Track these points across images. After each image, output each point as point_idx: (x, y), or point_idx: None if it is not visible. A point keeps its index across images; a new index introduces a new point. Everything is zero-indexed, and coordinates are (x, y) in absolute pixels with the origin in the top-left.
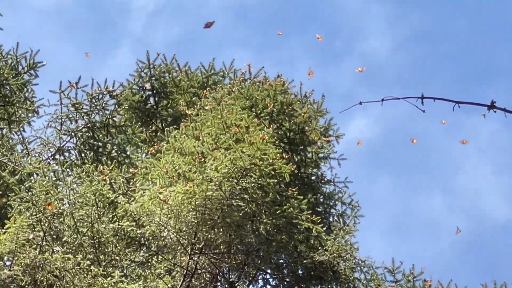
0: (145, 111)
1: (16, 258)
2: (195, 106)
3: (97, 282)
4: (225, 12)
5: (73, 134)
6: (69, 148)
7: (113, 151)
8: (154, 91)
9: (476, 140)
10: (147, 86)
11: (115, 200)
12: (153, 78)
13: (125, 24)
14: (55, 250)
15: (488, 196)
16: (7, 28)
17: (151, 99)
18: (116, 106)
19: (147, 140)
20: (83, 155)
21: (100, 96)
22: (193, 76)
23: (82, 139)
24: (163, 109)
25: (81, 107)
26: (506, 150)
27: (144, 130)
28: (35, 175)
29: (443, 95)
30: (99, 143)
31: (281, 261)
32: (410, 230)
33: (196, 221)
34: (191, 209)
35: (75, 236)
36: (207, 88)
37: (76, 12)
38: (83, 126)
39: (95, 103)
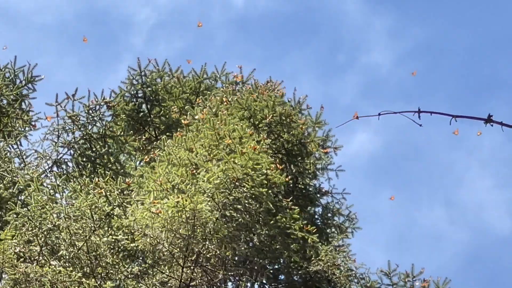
0: (138, 119)
1: (6, 272)
2: (188, 113)
3: None
4: (227, 26)
5: (70, 146)
6: (66, 160)
7: (110, 162)
8: (146, 99)
9: (478, 153)
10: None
11: (110, 212)
12: (145, 86)
13: (127, 39)
14: (51, 264)
15: (490, 209)
16: (8, 44)
17: (144, 107)
18: (114, 116)
19: (141, 148)
20: (80, 167)
21: (97, 107)
22: (185, 82)
23: (79, 151)
24: (155, 116)
25: (78, 118)
26: (508, 163)
27: (137, 138)
28: (31, 188)
29: (446, 108)
30: (96, 154)
31: (276, 267)
32: (413, 243)
33: (187, 234)
34: (182, 222)
35: (72, 249)
36: (200, 94)
37: (77, 28)
38: (80, 137)
39: (92, 115)
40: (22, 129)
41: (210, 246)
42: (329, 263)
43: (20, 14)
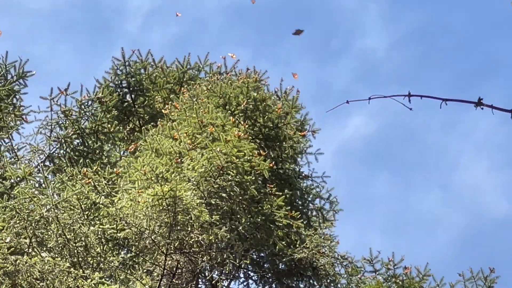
0: (122, 109)
1: None
2: (171, 103)
3: (78, 284)
4: (221, 12)
5: (63, 140)
6: (59, 155)
7: (103, 157)
8: (131, 89)
9: (473, 136)
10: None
11: (97, 202)
12: (129, 76)
13: (121, 25)
14: (42, 256)
15: (486, 192)
16: (1, 30)
17: (128, 97)
18: (106, 112)
19: (125, 138)
20: (73, 161)
21: (89, 102)
22: (169, 72)
23: (71, 146)
24: (140, 106)
25: (70, 113)
26: (502, 146)
27: (121, 128)
28: (20, 181)
29: (441, 91)
30: (89, 150)
31: (262, 255)
32: (409, 227)
33: (169, 222)
34: (163, 209)
35: (61, 240)
36: (184, 84)
37: (71, 14)
38: (72, 132)
39: (85, 110)
40: (14, 124)
41: (192, 233)
42: (314, 251)
43: (13, 0)
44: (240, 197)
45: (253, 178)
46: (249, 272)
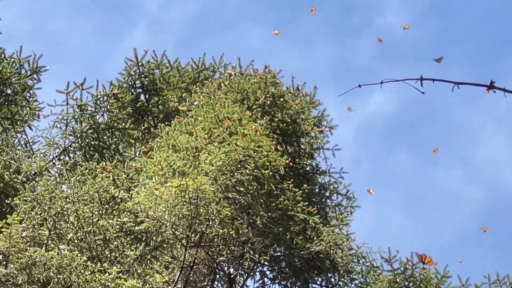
0: (136, 109)
1: (11, 256)
2: (186, 101)
3: (95, 278)
4: None
5: (78, 135)
6: (75, 149)
7: (118, 153)
8: (145, 89)
9: (494, 110)
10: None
11: (117, 196)
12: (142, 76)
13: (141, 3)
14: (60, 248)
15: (507, 167)
16: (21, 10)
17: (142, 97)
18: (122, 109)
19: (140, 137)
20: (87, 156)
21: (105, 98)
22: (184, 72)
23: (87, 140)
24: (154, 106)
25: (86, 108)
26: None
27: (136, 128)
28: (38, 174)
29: (461, 67)
30: (104, 145)
31: (278, 253)
32: (429, 203)
33: (190, 214)
34: (185, 203)
35: (80, 233)
36: (198, 84)
37: None
38: (88, 127)
39: (100, 105)
40: (29, 118)
41: (213, 227)
42: (331, 243)
43: None
44: (258, 192)
45: (271, 173)
46: (266, 270)
